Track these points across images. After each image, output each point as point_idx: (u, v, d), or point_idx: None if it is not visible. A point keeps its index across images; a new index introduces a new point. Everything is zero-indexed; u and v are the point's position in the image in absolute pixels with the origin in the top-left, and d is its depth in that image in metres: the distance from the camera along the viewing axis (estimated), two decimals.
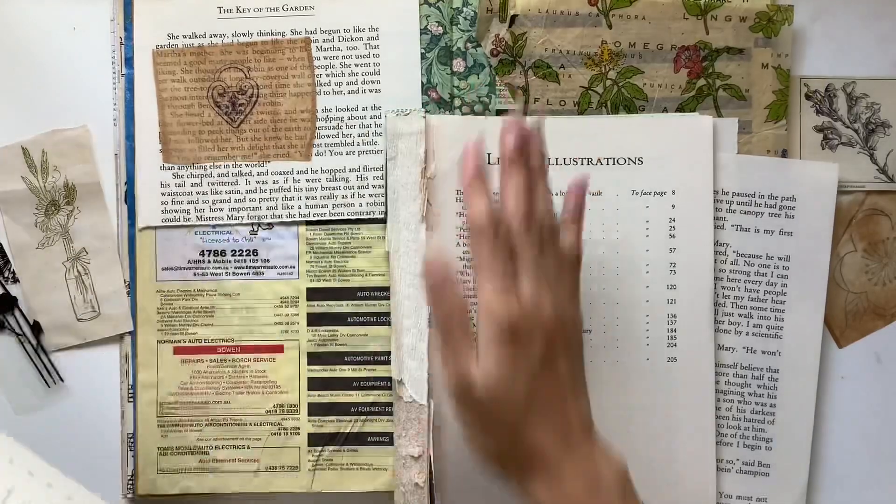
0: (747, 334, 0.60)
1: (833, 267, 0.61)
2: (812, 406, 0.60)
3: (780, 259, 0.60)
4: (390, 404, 0.60)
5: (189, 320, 0.61)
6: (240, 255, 0.61)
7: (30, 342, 0.61)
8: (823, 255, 0.60)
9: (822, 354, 0.60)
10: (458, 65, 0.61)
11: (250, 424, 0.60)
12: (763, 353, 0.60)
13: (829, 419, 0.61)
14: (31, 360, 0.61)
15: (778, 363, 0.59)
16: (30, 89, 0.61)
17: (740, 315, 0.60)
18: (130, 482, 0.61)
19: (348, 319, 0.61)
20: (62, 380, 0.62)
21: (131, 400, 0.61)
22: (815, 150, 0.62)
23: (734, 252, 0.60)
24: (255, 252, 0.61)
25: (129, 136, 0.61)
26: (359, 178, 0.61)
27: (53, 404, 0.62)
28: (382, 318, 0.60)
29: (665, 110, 0.60)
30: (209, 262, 0.61)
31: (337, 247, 0.61)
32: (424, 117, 0.57)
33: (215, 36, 0.61)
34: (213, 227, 0.61)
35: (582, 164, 0.59)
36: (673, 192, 0.59)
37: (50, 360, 0.61)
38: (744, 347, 0.60)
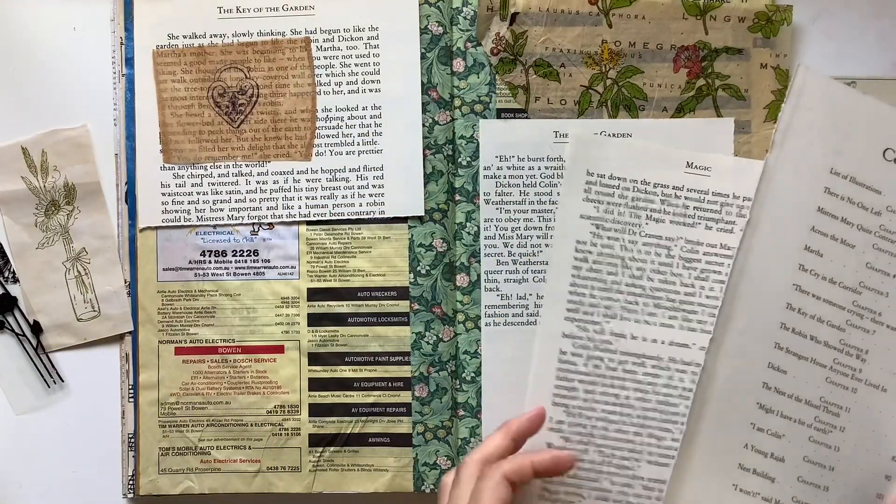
0: None
1: None
2: None
3: None
4: (391, 405, 0.60)
5: (190, 321, 0.61)
6: (240, 256, 0.61)
7: (30, 342, 0.61)
8: None
9: None
10: (458, 64, 0.61)
11: (251, 425, 0.61)
12: None
13: None
14: (31, 360, 0.61)
15: None
16: (30, 89, 0.61)
17: None
18: (131, 482, 0.61)
19: (349, 320, 0.61)
20: (62, 380, 0.62)
21: (132, 400, 0.61)
22: None
23: None
24: (255, 252, 0.61)
25: (130, 136, 0.61)
26: (359, 178, 0.61)
27: (53, 404, 0.62)
28: (383, 319, 0.60)
29: (665, 110, 0.61)
30: (210, 262, 0.61)
31: (337, 247, 0.61)
32: None
33: (215, 36, 0.61)
34: (214, 227, 0.61)
35: None
36: None
37: (50, 360, 0.61)
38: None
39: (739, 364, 0.54)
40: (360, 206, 0.61)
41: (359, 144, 0.61)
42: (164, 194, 0.61)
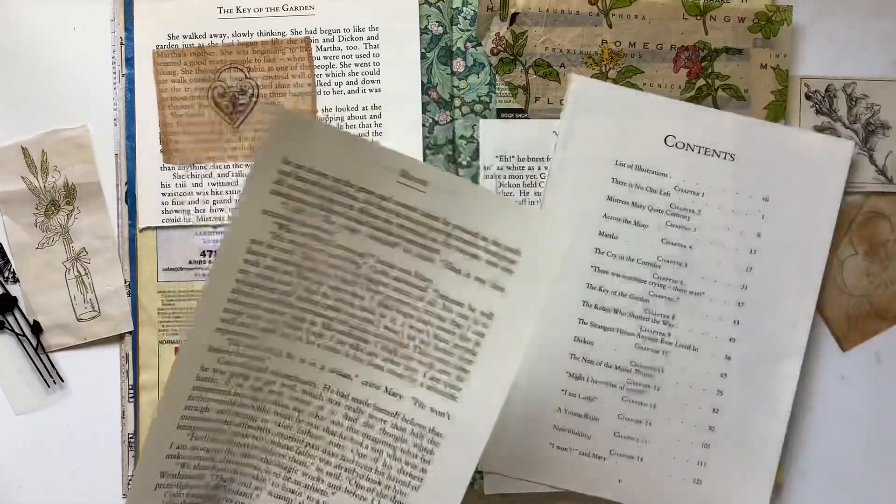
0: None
1: (834, 270, 0.61)
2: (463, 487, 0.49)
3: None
4: None
5: (190, 321, 0.61)
6: None
7: (30, 342, 0.61)
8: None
9: (823, 354, 0.61)
10: (458, 65, 0.61)
11: None
12: None
13: (828, 419, 0.61)
14: (31, 360, 0.61)
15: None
16: (30, 89, 0.61)
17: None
18: (131, 482, 0.61)
19: None
20: (62, 380, 0.62)
21: (132, 400, 0.61)
22: None
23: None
24: None
25: (130, 137, 0.61)
26: None
27: (53, 404, 0.62)
28: None
29: None
30: (210, 262, 0.61)
31: None
32: None
33: (215, 36, 0.61)
34: (214, 227, 0.61)
35: None
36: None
37: (50, 360, 0.61)
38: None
39: (545, 342, 0.58)
40: None
41: None
42: (164, 194, 0.61)
